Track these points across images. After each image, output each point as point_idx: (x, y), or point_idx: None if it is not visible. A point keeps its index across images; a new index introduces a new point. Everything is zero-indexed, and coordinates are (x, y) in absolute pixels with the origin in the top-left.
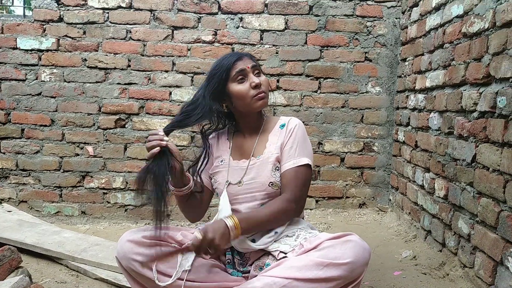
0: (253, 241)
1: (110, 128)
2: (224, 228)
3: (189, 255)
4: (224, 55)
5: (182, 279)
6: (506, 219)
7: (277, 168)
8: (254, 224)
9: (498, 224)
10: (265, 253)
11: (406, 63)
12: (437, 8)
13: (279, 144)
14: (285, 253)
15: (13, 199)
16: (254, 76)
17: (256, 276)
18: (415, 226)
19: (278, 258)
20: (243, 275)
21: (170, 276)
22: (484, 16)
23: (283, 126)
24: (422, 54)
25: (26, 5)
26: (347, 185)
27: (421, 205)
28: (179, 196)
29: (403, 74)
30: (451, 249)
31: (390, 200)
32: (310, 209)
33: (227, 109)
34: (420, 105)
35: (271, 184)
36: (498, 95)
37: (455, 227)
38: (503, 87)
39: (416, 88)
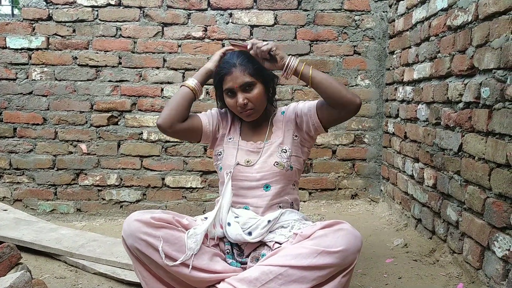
0: (249, 234)
1: (103, 126)
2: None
3: (197, 236)
4: (226, 56)
5: (188, 265)
6: (491, 205)
7: (284, 150)
8: (323, 75)
9: (484, 210)
10: (261, 244)
11: (394, 56)
12: (423, 1)
13: (284, 123)
14: (280, 244)
15: (7, 198)
16: (241, 94)
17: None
18: (406, 215)
19: (273, 249)
20: (241, 266)
21: (174, 260)
22: (467, 9)
23: (283, 112)
24: (409, 47)
25: (14, 4)
26: (339, 177)
27: (411, 194)
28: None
29: (391, 66)
30: (441, 236)
31: (381, 190)
32: (304, 201)
33: None
34: (408, 97)
35: (276, 164)
36: (482, 86)
37: (444, 215)
38: (486, 78)
39: (404, 80)
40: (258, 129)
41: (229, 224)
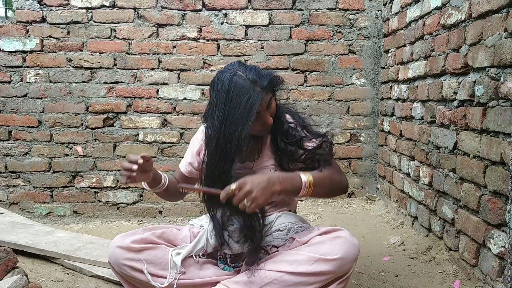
0: None
1: (99, 128)
2: (272, 181)
3: (181, 252)
4: (240, 85)
5: (175, 279)
6: (487, 202)
7: (276, 171)
8: (323, 184)
9: (479, 208)
10: None
11: (389, 54)
12: (417, 0)
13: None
14: (277, 247)
15: (3, 201)
16: (268, 114)
17: (247, 270)
18: (402, 213)
19: (270, 253)
20: (234, 269)
21: (162, 277)
22: (460, 7)
23: None
24: (404, 46)
25: (7, 7)
26: None
27: (408, 192)
28: (157, 192)
29: (386, 65)
30: (437, 234)
31: (377, 188)
32: (301, 201)
33: None
34: (403, 96)
35: None
36: (476, 84)
37: (440, 212)
38: (480, 76)
39: (399, 79)
40: (251, 147)
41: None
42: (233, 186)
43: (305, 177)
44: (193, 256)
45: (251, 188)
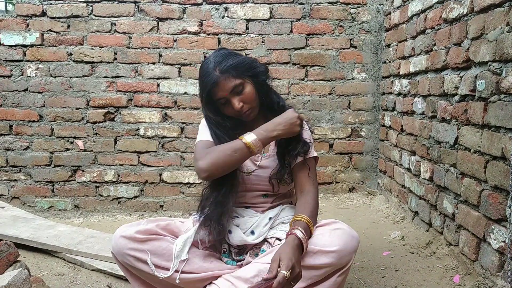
0: (252, 232)
1: (99, 122)
2: (298, 248)
3: (184, 245)
4: (204, 68)
5: (178, 271)
6: (487, 197)
7: (285, 165)
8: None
9: (480, 202)
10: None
11: (390, 49)
12: None
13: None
14: (280, 240)
15: (5, 195)
16: (235, 99)
17: (251, 262)
18: (402, 208)
19: (273, 245)
20: (237, 263)
21: (165, 269)
22: (462, 1)
23: None
24: (406, 40)
25: (7, 0)
26: (336, 170)
27: (408, 187)
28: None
29: (387, 60)
30: (437, 229)
31: (378, 183)
32: None
33: None
34: (404, 90)
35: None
36: (477, 78)
37: (440, 207)
38: (482, 71)
39: (400, 73)
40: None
41: (230, 231)
42: (285, 272)
43: (304, 223)
44: (198, 241)
45: (299, 269)
